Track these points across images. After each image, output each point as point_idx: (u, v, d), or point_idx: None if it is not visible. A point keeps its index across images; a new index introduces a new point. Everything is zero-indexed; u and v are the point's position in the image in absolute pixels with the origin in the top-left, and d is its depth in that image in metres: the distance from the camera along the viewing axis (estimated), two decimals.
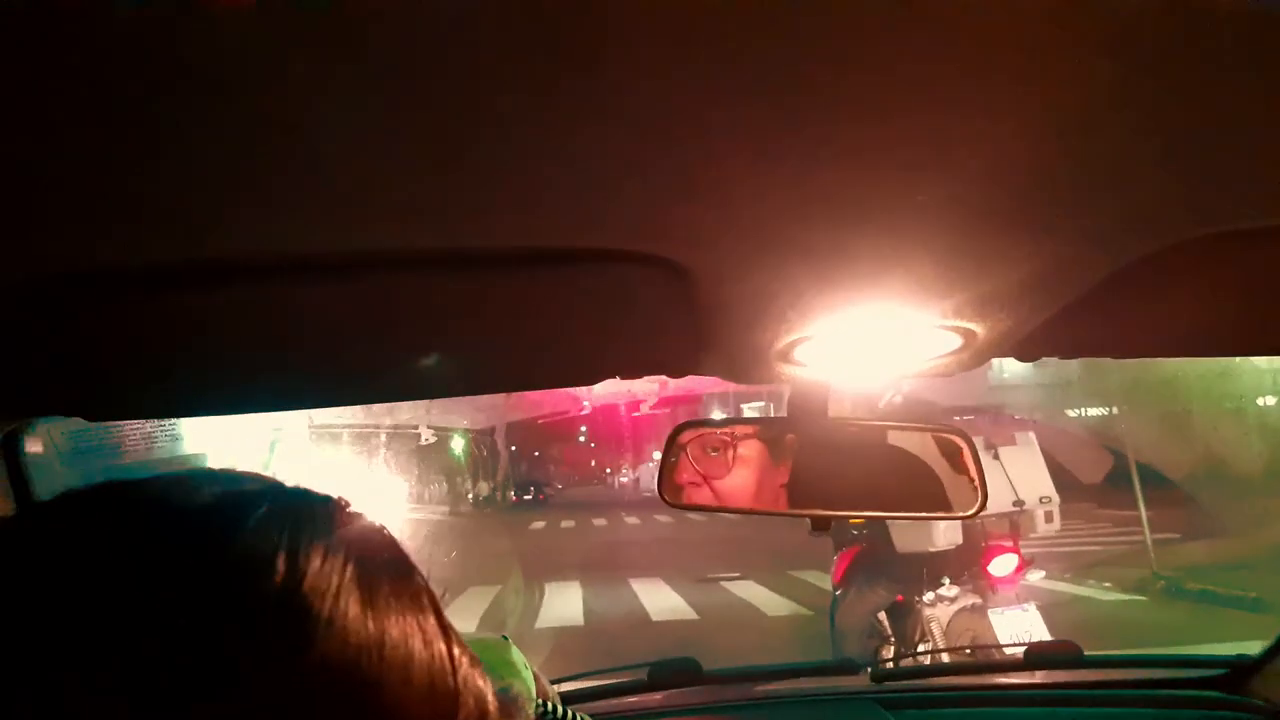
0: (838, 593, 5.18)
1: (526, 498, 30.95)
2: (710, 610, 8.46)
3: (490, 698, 0.45)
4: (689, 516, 22.51)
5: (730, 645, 6.65)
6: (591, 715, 1.42)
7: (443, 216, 0.56)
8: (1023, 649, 1.74)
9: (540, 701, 1.38)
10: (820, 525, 1.08)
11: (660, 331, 0.83)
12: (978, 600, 4.63)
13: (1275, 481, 10.58)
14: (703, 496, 1.06)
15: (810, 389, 1.01)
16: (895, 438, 1.05)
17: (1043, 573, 4.95)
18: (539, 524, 21.34)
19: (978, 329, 0.77)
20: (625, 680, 1.70)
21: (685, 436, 1.08)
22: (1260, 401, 11.94)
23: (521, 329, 0.80)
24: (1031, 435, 4.87)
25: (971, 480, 0.99)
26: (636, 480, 39.93)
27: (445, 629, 0.43)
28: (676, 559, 12.35)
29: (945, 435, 1.01)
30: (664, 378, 0.99)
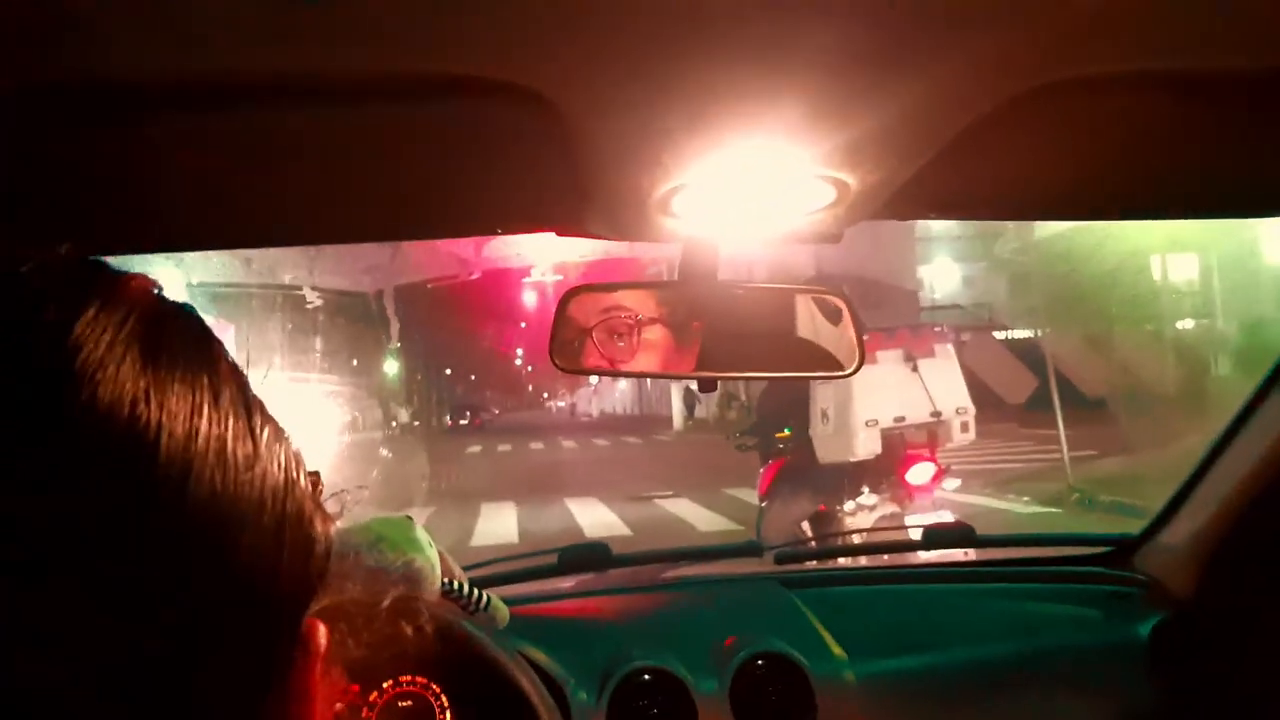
0: (763, 504, 5.32)
1: (463, 422, 30.76)
2: (644, 526, 8.62)
3: (303, 474, 0.44)
4: (626, 440, 22.78)
5: None
6: (501, 598, 1.44)
7: (285, 36, 0.53)
8: (921, 530, 1.80)
9: (446, 581, 1.40)
10: (707, 387, 1.10)
11: (535, 179, 0.82)
12: (896, 509, 4.80)
13: (1188, 401, 11.02)
14: (592, 360, 1.06)
15: (700, 251, 1.01)
16: (781, 301, 1.06)
17: (958, 482, 5.13)
18: (475, 448, 21.41)
19: (849, 180, 0.77)
20: (536, 565, 1.72)
21: (578, 302, 1.08)
22: (1178, 325, 12.37)
23: (385, 170, 0.78)
24: (950, 348, 5.01)
25: (851, 339, 1.01)
26: (574, 405, 40.13)
27: (248, 403, 0.42)
28: (612, 479, 12.52)
29: (826, 297, 1.03)
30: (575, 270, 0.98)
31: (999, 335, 13.53)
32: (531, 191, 0.86)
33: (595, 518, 9.37)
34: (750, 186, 0.80)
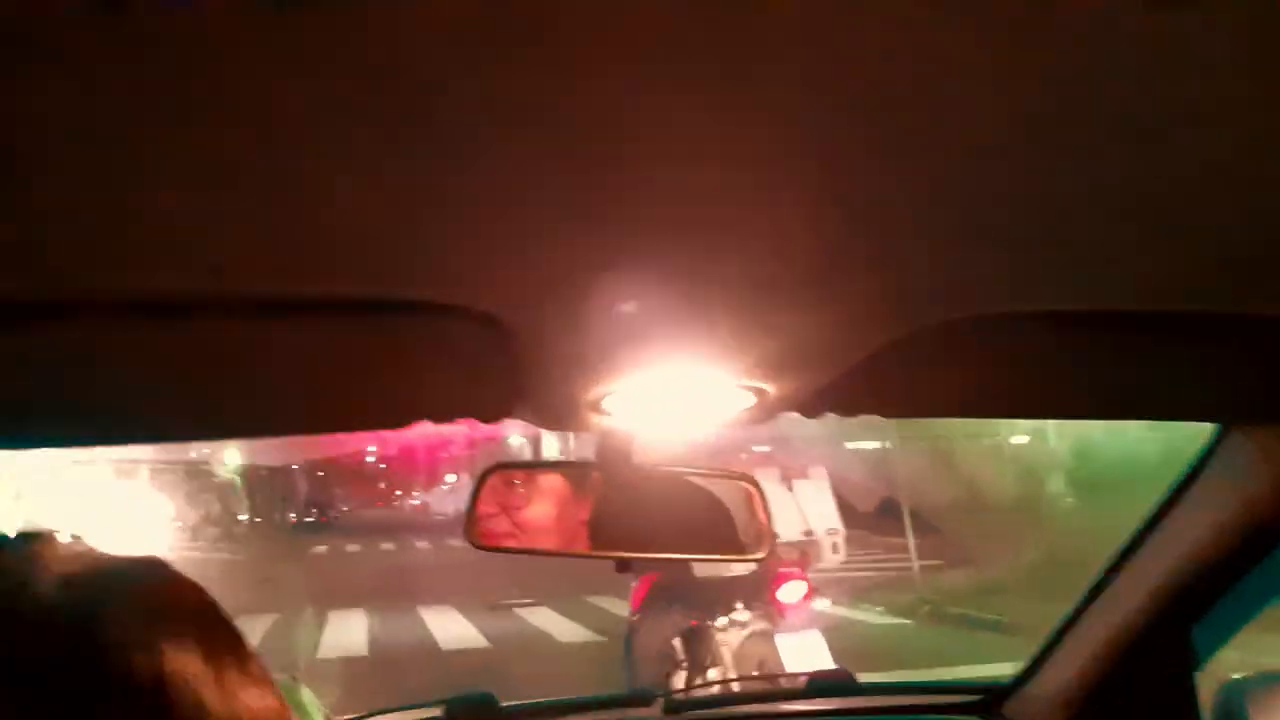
0: (635, 618, 5.26)
1: (309, 520, 29.16)
2: (503, 638, 8.36)
3: None
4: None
5: (523, 674, 6.60)
6: None
7: (260, 262, 0.55)
8: (804, 677, 1.83)
9: None
10: (623, 567, 1.12)
11: (474, 380, 0.84)
12: (767, 626, 4.84)
13: (1024, 513, 11.67)
14: (508, 538, 1.07)
15: (617, 436, 1.04)
16: (694, 485, 1.09)
17: (828, 600, 5.26)
18: (321, 548, 20.42)
19: (769, 388, 0.83)
20: (420, 717, 1.65)
21: (495, 479, 1.09)
22: (1013, 440, 13.15)
23: (337, 375, 0.79)
24: (823, 470, 5.19)
25: (760, 524, 1.05)
26: (427, 505, 38.89)
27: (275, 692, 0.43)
28: (469, 586, 12.12)
29: (737, 482, 1.07)
30: None
31: (850, 445, 14.04)
32: (467, 390, 0.88)
33: (451, 628, 9.03)
34: (676, 393, 0.84)
